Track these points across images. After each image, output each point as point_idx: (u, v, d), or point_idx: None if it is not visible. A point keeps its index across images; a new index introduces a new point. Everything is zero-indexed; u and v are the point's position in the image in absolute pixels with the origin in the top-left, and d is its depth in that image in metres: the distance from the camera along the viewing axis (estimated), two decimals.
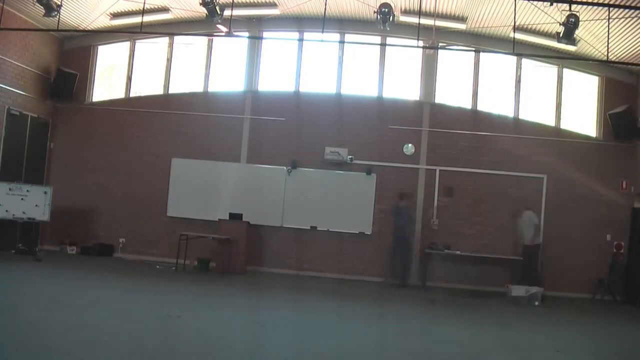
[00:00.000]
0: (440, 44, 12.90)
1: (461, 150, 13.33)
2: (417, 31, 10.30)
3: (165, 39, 14.26)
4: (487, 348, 6.91)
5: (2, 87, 12.48)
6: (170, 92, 14.34)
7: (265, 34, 13.86)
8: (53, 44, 14.07)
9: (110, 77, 15.01)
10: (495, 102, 13.63)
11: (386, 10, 10.34)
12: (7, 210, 12.08)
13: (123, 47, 14.62)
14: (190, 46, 14.43)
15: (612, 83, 13.27)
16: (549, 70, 13.59)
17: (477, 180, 13.28)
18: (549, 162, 13.10)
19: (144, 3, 10.96)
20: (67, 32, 13.39)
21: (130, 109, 14.19)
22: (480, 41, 13.11)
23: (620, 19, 10.39)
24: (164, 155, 13.85)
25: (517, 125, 13.40)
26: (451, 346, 6.76)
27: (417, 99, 13.72)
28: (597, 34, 11.31)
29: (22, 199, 12.31)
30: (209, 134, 13.82)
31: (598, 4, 9.72)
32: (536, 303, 10.92)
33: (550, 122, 13.47)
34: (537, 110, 13.55)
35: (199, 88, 14.25)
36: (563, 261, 12.61)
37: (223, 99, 14.04)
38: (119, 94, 14.64)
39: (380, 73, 13.79)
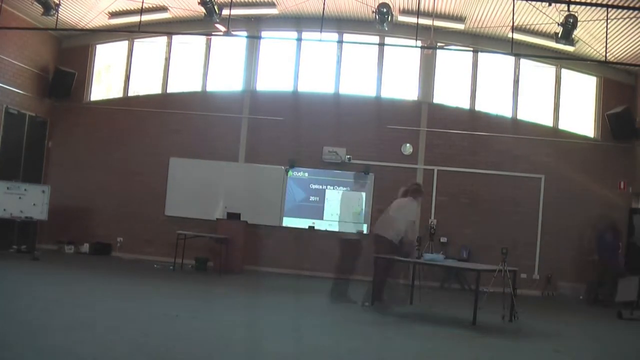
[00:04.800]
0: (438, 44, 12.91)
1: (459, 150, 13.35)
2: (416, 31, 10.31)
3: (164, 38, 14.25)
4: None
5: (0, 86, 12.47)
6: (168, 91, 14.34)
7: (263, 34, 13.86)
8: (51, 42, 14.05)
9: (109, 76, 14.99)
10: (494, 102, 13.65)
11: (384, 10, 10.35)
12: (4, 209, 12.09)
13: (121, 46, 14.61)
14: (188, 45, 14.42)
15: (610, 83, 13.29)
16: (547, 71, 13.60)
17: (475, 181, 13.30)
18: (547, 163, 13.12)
19: (142, 2, 10.94)
20: (66, 31, 13.39)
21: (128, 108, 14.18)
22: (479, 41, 13.11)
23: (619, 19, 10.41)
24: (162, 155, 13.84)
25: (515, 125, 13.42)
26: None
27: (415, 99, 13.73)
28: (595, 34, 11.32)
29: (19, 197, 12.31)
30: (207, 134, 13.82)
31: (596, 5, 9.74)
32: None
33: (548, 122, 13.49)
34: (535, 110, 13.57)
35: (197, 87, 14.25)
36: (561, 261, 12.62)
37: (221, 98, 14.03)
38: (117, 93, 14.64)
39: (378, 73, 13.79)
